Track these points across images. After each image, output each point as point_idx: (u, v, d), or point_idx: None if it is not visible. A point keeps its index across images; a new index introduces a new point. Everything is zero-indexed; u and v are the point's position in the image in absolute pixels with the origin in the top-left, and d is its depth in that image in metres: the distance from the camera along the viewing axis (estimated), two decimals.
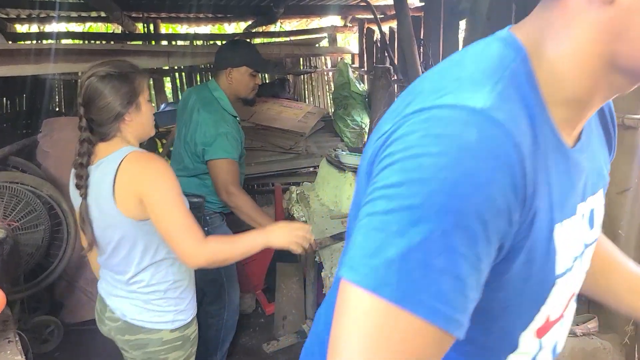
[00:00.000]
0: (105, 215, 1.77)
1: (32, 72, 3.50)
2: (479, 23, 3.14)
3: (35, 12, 5.77)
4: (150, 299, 1.89)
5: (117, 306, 1.93)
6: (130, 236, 1.79)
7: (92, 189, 1.78)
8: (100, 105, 1.75)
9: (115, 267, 1.90)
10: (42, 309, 3.80)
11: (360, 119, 5.08)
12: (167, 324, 1.91)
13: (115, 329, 1.95)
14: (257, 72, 3.01)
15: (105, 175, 1.74)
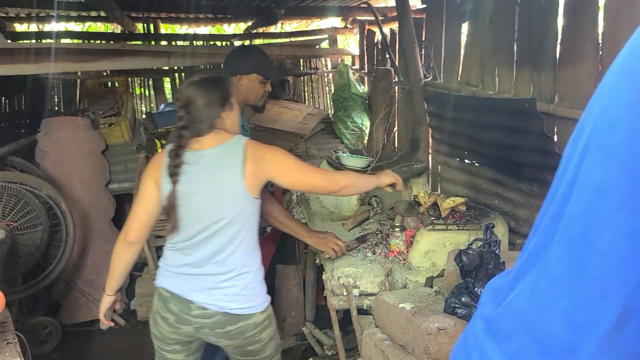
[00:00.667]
0: (229, 190, 1.94)
1: (32, 71, 3.49)
2: (481, 26, 3.13)
3: (34, 11, 5.74)
4: (245, 284, 1.98)
5: (210, 301, 1.95)
6: (245, 211, 1.97)
7: (207, 171, 1.96)
8: (200, 106, 1.98)
9: (211, 256, 1.96)
10: (40, 309, 3.78)
11: (361, 120, 5.07)
12: (258, 307, 2.01)
13: (210, 324, 1.96)
14: (267, 80, 2.94)
15: (230, 156, 1.97)
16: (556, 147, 2.34)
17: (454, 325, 1.95)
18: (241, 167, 1.94)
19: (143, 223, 2.03)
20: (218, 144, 2.00)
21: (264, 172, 1.98)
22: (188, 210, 1.96)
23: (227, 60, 2.98)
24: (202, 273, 1.97)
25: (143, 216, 2.02)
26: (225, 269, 1.96)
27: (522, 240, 2.74)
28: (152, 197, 2.01)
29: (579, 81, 2.42)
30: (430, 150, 3.83)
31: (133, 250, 2.06)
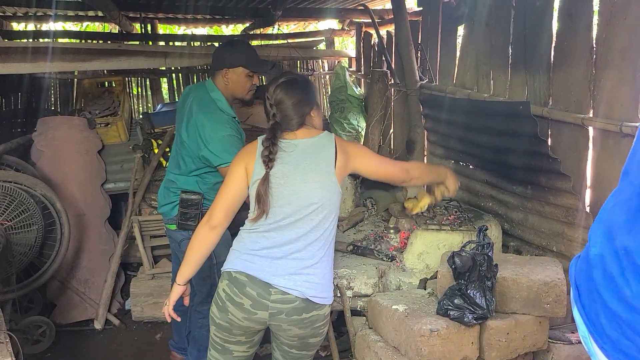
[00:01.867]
0: (322, 177, 2.04)
1: (28, 70, 3.48)
2: (477, 29, 3.14)
3: (32, 10, 5.74)
4: (324, 273, 2.01)
5: (291, 285, 1.96)
6: (332, 200, 2.05)
7: (302, 158, 2.06)
8: (293, 103, 2.09)
9: (297, 240, 2.00)
10: (34, 309, 3.77)
11: (357, 122, 5.07)
12: (330, 299, 2.03)
13: (288, 310, 1.96)
14: (253, 73, 2.96)
15: (323, 148, 2.09)
16: (550, 150, 2.35)
17: (446, 327, 1.96)
18: (333, 159, 2.06)
19: (228, 207, 2.08)
20: (310, 137, 2.11)
21: (349, 164, 2.11)
22: (280, 194, 2.02)
23: (215, 54, 3.00)
24: (286, 256, 2.00)
25: (229, 200, 2.08)
26: (309, 254, 1.99)
27: (515, 242, 2.75)
28: (240, 183, 2.08)
29: (572, 84, 2.43)
30: (425, 152, 3.83)
31: (216, 234, 2.09)
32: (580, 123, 2.36)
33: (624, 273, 1.01)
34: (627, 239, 1.02)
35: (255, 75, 2.99)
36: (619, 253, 1.03)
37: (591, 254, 1.11)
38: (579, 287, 1.15)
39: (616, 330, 1.02)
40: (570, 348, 2.10)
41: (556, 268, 2.16)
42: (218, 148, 2.75)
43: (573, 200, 2.32)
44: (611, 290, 1.04)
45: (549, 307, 2.04)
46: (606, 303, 1.04)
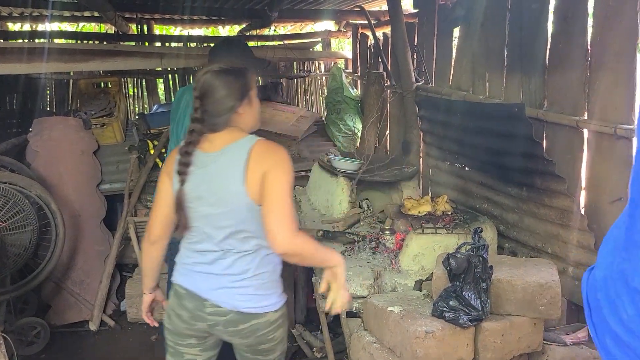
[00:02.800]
0: (231, 196, 1.86)
1: (24, 71, 3.47)
2: (473, 31, 3.15)
3: (27, 10, 5.72)
4: (259, 284, 1.93)
5: (224, 299, 1.92)
6: (249, 218, 1.87)
7: (214, 174, 1.88)
8: (216, 98, 1.88)
9: (224, 255, 1.93)
10: (29, 310, 3.75)
11: (353, 123, 5.08)
12: (273, 306, 1.96)
13: (224, 322, 1.94)
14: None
15: (233, 160, 1.86)
16: (545, 152, 2.36)
17: (441, 329, 1.97)
18: (243, 172, 1.84)
19: (162, 221, 2.00)
20: (227, 144, 1.90)
21: (262, 171, 1.84)
22: (197, 214, 1.93)
23: (210, 53, 3.02)
24: (217, 272, 1.95)
25: (162, 213, 1.99)
26: (240, 269, 1.93)
27: (510, 244, 2.76)
28: (167, 194, 1.97)
29: (568, 87, 2.44)
30: (421, 154, 3.84)
31: (157, 249, 2.04)
32: (575, 125, 2.37)
33: (620, 295, 1.01)
34: (623, 260, 1.02)
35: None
36: (618, 274, 1.03)
37: (597, 275, 1.11)
38: (590, 304, 1.14)
39: (620, 351, 1.02)
40: (565, 350, 2.10)
41: (551, 270, 2.16)
42: None
43: (568, 202, 2.33)
44: (612, 312, 1.03)
45: (543, 309, 2.05)
46: (609, 324, 1.04)
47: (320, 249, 1.91)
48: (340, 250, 2.72)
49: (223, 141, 1.89)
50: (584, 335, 2.16)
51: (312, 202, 3.42)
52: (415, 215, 2.76)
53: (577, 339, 2.14)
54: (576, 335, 2.16)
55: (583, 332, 2.17)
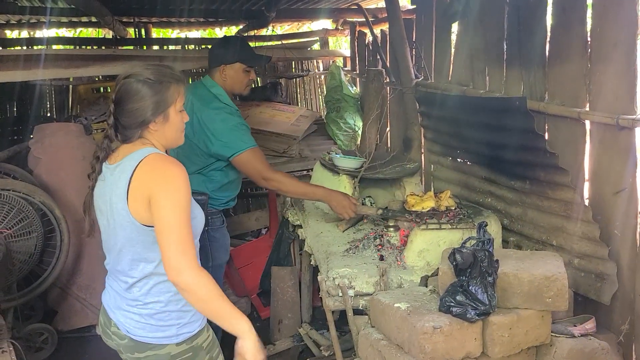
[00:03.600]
0: (117, 214, 1.76)
1: (22, 78, 3.48)
2: (471, 25, 3.14)
3: (25, 17, 5.72)
4: (151, 314, 1.81)
5: (121, 320, 1.85)
6: (136, 240, 1.76)
7: (108, 188, 1.79)
8: (128, 109, 1.76)
9: (120, 275, 1.86)
10: (36, 316, 3.77)
11: (353, 121, 5.08)
12: (172, 338, 1.82)
13: (123, 346, 1.87)
14: (250, 68, 3.00)
15: (122, 174, 1.75)
16: (547, 145, 2.36)
17: (449, 324, 1.97)
18: (125, 190, 1.72)
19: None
20: (125, 157, 1.78)
21: (145, 191, 1.70)
22: (100, 224, 1.88)
23: (210, 51, 3.05)
24: (118, 291, 1.87)
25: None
26: (131, 295, 1.83)
27: (515, 237, 2.76)
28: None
29: (568, 79, 2.44)
30: (422, 150, 3.84)
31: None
32: (577, 117, 2.37)
33: None
34: None
35: (252, 70, 3.02)
36: None
37: None
38: None
39: None
40: (573, 341, 2.10)
41: (557, 262, 2.16)
42: (230, 137, 2.77)
43: (571, 194, 2.33)
44: None
45: (550, 301, 2.05)
46: None
47: (224, 302, 1.69)
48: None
49: (124, 153, 1.80)
50: (592, 326, 2.16)
51: (315, 202, 3.42)
52: (419, 211, 2.76)
53: (584, 330, 2.14)
54: (584, 326, 2.16)
55: (590, 323, 2.17)
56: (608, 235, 2.29)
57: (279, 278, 3.72)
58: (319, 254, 2.77)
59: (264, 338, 3.78)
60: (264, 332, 3.88)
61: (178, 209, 1.68)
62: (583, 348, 2.09)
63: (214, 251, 2.96)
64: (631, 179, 2.18)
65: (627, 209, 2.21)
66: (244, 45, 3.04)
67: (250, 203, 5.65)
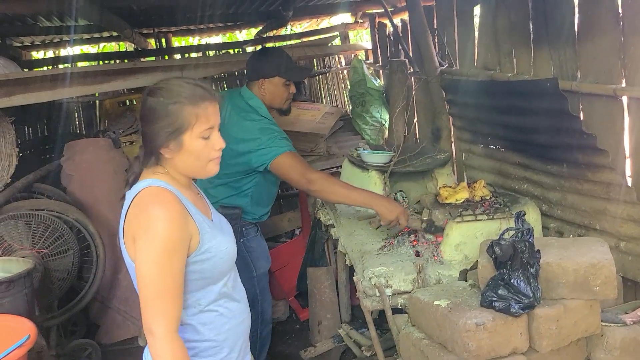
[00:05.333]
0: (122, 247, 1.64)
1: (48, 98, 3.52)
2: (494, 7, 3.04)
3: (48, 37, 5.83)
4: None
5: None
6: (134, 279, 1.58)
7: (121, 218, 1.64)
8: (143, 131, 1.63)
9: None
10: (79, 332, 3.83)
11: (380, 115, 5.00)
12: None
13: None
14: (290, 82, 2.88)
15: (124, 207, 1.62)
16: (583, 126, 2.25)
17: (492, 320, 1.90)
18: (122, 224, 1.58)
19: None
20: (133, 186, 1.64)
21: (132, 230, 1.53)
22: None
23: (249, 64, 2.92)
24: None
25: None
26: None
27: (555, 223, 2.66)
28: None
29: (601, 55, 2.33)
30: (452, 139, 3.75)
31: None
32: (613, 94, 2.26)
33: None
34: None
35: (292, 83, 2.90)
36: None
37: None
38: None
39: None
40: (626, 330, 2.00)
41: (602, 248, 2.06)
42: (269, 144, 2.66)
43: (613, 175, 2.23)
44: None
45: (598, 290, 1.95)
46: None
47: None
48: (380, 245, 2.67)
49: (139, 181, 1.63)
50: None
51: None
52: (452, 203, 2.68)
53: (636, 317, 2.04)
54: (635, 313, 2.06)
55: None
56: None
57: (315, 279, 3.69)
58: (353, 254, 2.72)
59: (305, 340, 3.77)
60: (304, 334, 3.86)
61: (153, 260, 1.46)
62: (636, 336, 1.99)
63: (255, 261, 2.94)
64: None
65: None
66: (284, 58, 2.88)
67: (282, 204, 5.63)
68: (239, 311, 1.77)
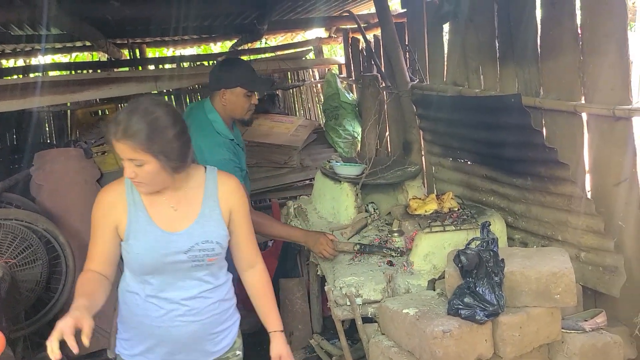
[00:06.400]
0: None
1: (19, 106, 3.49)
2: (463, 25, 3.14)
3: (20, 46, 5.77)
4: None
5: None
6: None
7: None
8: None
9: None
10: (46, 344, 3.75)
11: (352, 128, 5.08)
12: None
13: None
14: (252, 92, 2.88)
15: None
16: (545, 140, 2.35)
17: (458, 327, 1.95)
18: None
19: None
20: None
21: None
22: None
23: (211, 75, 2.93)
24: None
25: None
26: None
27: (520, 234, 2.75)
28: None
29: (562, 73, 2.44)
30: (422, 152, 3.83)
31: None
32: (573, 110, 2.36)
33: None
34: None
35: (254, 94, 2.91)
36: None
37: None
38: None
39: None
40: (585, 336, 2.08)
41: (563, 257, 2.15)
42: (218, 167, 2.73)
43: (573, 188, 2.32)
44: None
45: (559, 298, 2.03)
46: None
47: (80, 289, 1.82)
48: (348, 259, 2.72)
49: None
50: (602, 320, 2.15)
51: (319, 211, 3.41)
52: (422, 214, 2.74)
53: (595, 324, 2.12)
54: (594, 320, 2.14)
55: (601, 317, 2.15)
56: (613, 227, 2.27)
57: (287, 290, 3.71)
58: (325, 264, 2.76)
59: None
60: None
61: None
62: (595, 342, 2.07)
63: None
64: (631, 169, 2.17)
65: (629, 199, 2.20)
66: (245, 68, 2.91)
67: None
68: (170, 314, 1.92)
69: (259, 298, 2.11)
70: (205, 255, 1.89)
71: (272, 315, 2.13)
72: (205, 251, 1.89)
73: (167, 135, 1.75)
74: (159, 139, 1.73)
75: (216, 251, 1.91)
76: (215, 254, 1.91)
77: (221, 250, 1.94)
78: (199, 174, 1.98)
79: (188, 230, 1.89)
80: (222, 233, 1.94)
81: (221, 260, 1.99)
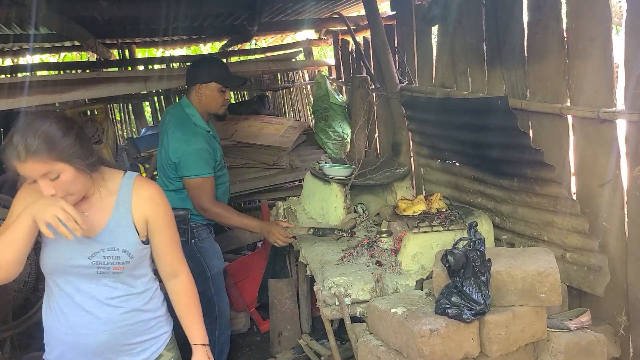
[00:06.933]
0: None
1: (7, 106, 3.48)
2: (451, 28, 3.18)
3: (8, 45, 5.73)
4: None
5: None
6: None
7: None
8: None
9: None
10: (34, 345, 3.73)
11: (342, 129, 5.10)
12: None
13: None
14: (226, 88, 3.09)
15: None
16: (532, 142, 2.38)
17: (445, 326, 1.98)
18: None
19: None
20: None
21: None
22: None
23: (188, 71, 3.14)
24: None
25: None
26: None
27: (507, 235, 2.78)
28: None
29: (548, 76, 2.47)
30: (411, 154, 3.86)
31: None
32: (559, 113, 2.40)
33: None
34: None
35: (228, 90, 3.14)
36: None
37: None
38: None
39: None
40: (570, 335, 2.11)
41: (548, 257, 2.18)
42: (189, 160, 2.91)
43: (559, 189, 2.35)
44: None
45: (544, 297, 2.06)
46: None
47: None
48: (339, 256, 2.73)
49: None
50: (587, 319, 2.18)
51: (308, 211, 3.43)
52: (410, 215, 2.77)
53: (580, 323, 2.16)
54: (579, 319, 2.17)
55: (585, 316, 2.18)
56: (597, 228, 2.31)
57: (277, 290, 3.72)
58: (314, 264, 2.77)
59: (265, 352, 3.78)
60: (264, 346, 3.87)
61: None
62: (579, 341, 2.10)
63: (208, 260, 3.04)
64: (615, 170, 2.20)
65: (613, 200, 2.24)
66: (219, 65, 3.15)
67: None
68: (78, 322, 1.90)
69: (182, 309, 2.07)
70: (110, 263, 1.86)
71: (195, 328, 2.06)
72: (110, 259, 1.85)
73: (68, 139, 1.73)
74: (61, 145, 1.71)
75: (122, 259, 1.87)
76: (122, 262, 1.87)
77: (129, 259, 1.89)
78: (115, 180, 1.94)
79: (95, 236, 1.86)
80: (131, 241, 1.89)
81: (135, 268, 1.94)
